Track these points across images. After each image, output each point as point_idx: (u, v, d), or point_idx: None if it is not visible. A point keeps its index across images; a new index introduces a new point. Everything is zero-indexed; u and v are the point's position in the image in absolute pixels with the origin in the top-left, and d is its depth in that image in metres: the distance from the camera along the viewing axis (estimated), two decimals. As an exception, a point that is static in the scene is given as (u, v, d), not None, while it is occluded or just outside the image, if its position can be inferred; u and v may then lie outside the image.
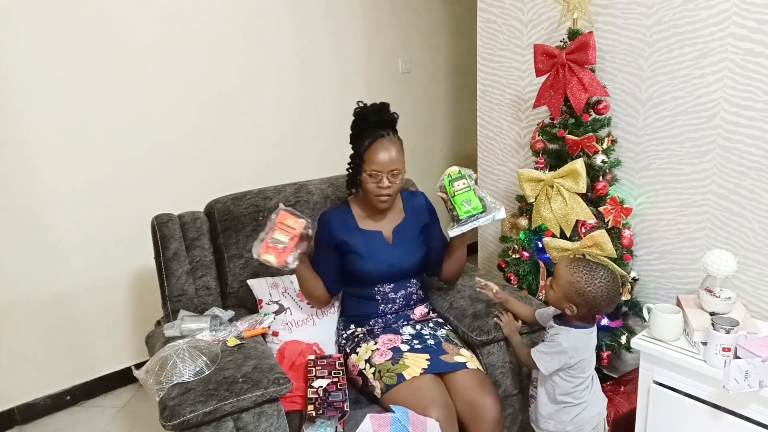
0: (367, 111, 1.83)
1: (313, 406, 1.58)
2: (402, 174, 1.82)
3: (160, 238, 1.95)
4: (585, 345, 1.60)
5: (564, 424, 1.64)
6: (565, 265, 1.58)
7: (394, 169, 1.78)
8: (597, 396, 1.68)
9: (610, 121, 2.12)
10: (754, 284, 1.90)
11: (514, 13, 2.42)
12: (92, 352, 2.58)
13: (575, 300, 1.55)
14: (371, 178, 1.79)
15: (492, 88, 2.61)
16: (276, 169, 2.76)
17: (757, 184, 1.84)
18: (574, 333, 1.59)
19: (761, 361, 1.46)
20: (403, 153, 1.82)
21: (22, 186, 2.30)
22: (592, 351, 1.63)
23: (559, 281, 1.58)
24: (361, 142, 1.81)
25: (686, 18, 1.89)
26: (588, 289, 1.53)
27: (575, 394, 1.62)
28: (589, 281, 1.53)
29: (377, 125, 1.81)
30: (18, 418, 2.45)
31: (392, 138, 1.81)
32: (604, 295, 1.53)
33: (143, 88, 2.50)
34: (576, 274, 1.54)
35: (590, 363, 1.63)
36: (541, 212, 2.12)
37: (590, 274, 1.54)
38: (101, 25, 2.35)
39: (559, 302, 1.60)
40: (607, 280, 1.54)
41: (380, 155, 1.76)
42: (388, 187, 1.79)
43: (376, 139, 1.78)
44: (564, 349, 1.57)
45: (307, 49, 2.98)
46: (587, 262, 1.59)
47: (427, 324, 1.91)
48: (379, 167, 1.77)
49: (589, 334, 1.61)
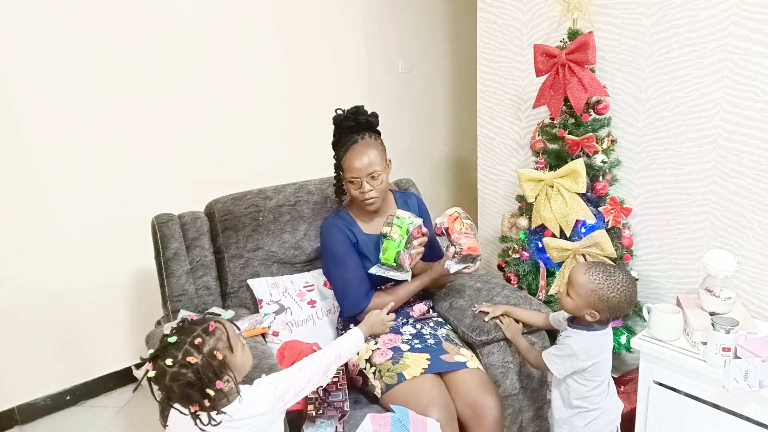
0: (341, 117, 1.83)
1: (313, 406, 1.58)
2: (383, 174, 1.81)
3: (160, 238, 1.95)
4: (598, 347, 1.56)
5: (578, 429, 1.62)
6: (583, 272, 1.53)
7: (372, 172, 1.78)
8: (613, 401, 1.65)
9: (610, 121, 2.12)
10: (754, 284, 1.90)
11: (514, 13, 2.42)
12: (92, 352, 2.58)
13: (597, 306, 1.51)
14: (353, 184, 1.80)
15: (492, 88, 2.61)
16: (276, 169, 2.76)
17: (757, 184, 1.84)
18: (586, 336, 1.56)
19: (761, 361, 1.46)
20: (382, 152, 1.83)
21: (22, 186, 2.30)
22: (608, 353, 1.60)
23: (578, 289, 1.53)
24: (338, 151, 1.83)
25: (686, 18, 1.89)
26: (611, 295, 1.49)
27: (591, 399, 1.59)
28: (611, 287, 1.49)
29: (351, 130, 1.81)
30: (18, 418, 2.45)
31: (367, 140, 1.80)
32: (627, 298, 1.50)
33: (143, 88, 2.50)
34: (597, 281, 1.50)
35: (605, 366, 1.60)
36: (541, 212, 2.12)
37: (610, 279, 1.50)
38: (101, 24, 2.35)
39: (578, 309, 1.55)
40: (627, 282, 1.51)
41: (355, 162, 1.77)
42: (371, 190, 1.79)
43: (350, 146, 1.79)
44: (575, 352, 1.53)
45: (307, 49, 2.98)
46: (603, 266, 1.55)
47: (427, 324, 1.91)
48: (356, 173, 1.77)
49: (601, 336, 1.57)
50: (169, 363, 1.14)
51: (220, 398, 1.21)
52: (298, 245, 2.10)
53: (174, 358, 1.15)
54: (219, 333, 1.22)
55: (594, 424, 1.61)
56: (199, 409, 1.18)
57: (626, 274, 1.53)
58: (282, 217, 2.09)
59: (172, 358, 1.15)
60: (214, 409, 1.20)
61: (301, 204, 2.13)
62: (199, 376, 1.15)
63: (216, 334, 1.21)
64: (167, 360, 1.15)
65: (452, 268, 1.76)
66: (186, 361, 1.15)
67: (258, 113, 2.88)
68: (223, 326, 1.24)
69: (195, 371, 1.15)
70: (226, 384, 1.20)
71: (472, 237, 1.75)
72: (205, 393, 1.16)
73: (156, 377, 1.17)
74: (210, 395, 1.16)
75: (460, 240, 1.73)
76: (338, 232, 1.87)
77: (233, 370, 1.23)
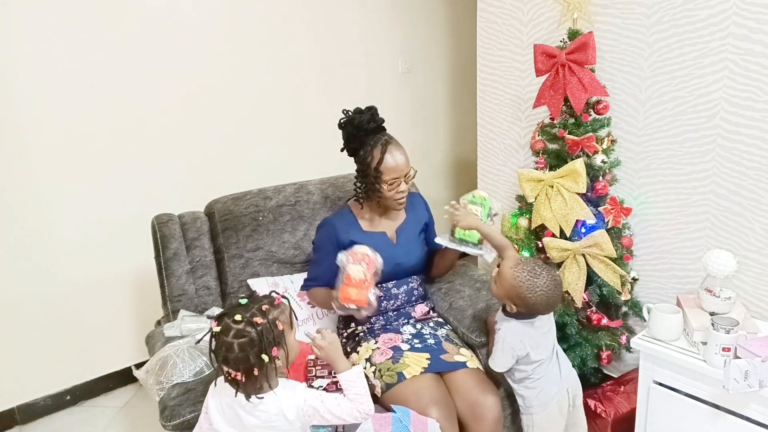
0: (362, 119, 1.79)
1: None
2: (414, 171, 1.85)
3: (160, 238, 1.95)
4: (527, 336, 1.64)
5: (529, 399, 1.71)
6: (511, 266, 1.60)
7: (409, 170, 1.81)
8: (555, 375, 1.72)
9: (610, 121, 2.12)
10: (754, 284, 1.90)
11: (514, 13, 2.42)
12: (92, 352, 2.58)
13: (515, 301, 1.60)
14: (390, 185, 1.79)
15: (492, 88, 2.61)
16: (276, 169, 2.76)
17: (757, 184, 1.84)
18: (515, 324, 1.64)
19: (761, 361, 1.46)
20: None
21: (22, 186, 2.30)
22: (540, 341, 1.66)
23: (502, 281, 1.61)
24: (368, 155, 1.78)
25: (686, 18, 1.89)
26: (528, 295, 1.56)
27: (532, 377, 1.69)
28: (530, 288, 1.56)
29: (375, 131, 1.81)
30: (18, 418, 2.45)
31: (395, 140, 1.82)
32: (543, 302, 1.58)
33: (143, 88, 2.50)
34: (518, 279, 1.57)
35: (537, 354, 1.66)
36: (541, 212, 2.12)
37: (532, 280, 1.56)
38: (102, 24, 2.35)
39: (500, 298, 1.65)
40: (548, 287, 1.56)
41: (398, 163, 1.77)
42: (406, 188, 1.82)
43: (386, 147, 1.77)
44: (508, 344, 1.63)
45: (307, 50, 2.98)
46: (532, 265, 1.60)
47: (427, 323, 1.92)
48: (398, 174, 1.78)
49: (530, 325, 1.65)
50: (238, 318, 1.26)
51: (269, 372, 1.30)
52: (298, 245, 2.11)
53: (242, 316, 1.27)
54: (282, 307, 1.36)
55: (543, 394, 1.70)
56: (245, 379, 1.26)
57: (552, 279, 1.58)
58: (282, 217, 2.09)
59: (240, 315, 1.27)
60: (257, 383, 1.29)
61: (301, 204, 2.13)
62: (261, 337, 1.26)
63: (280, 308, 1.35)
64: (236, 316, 1.27)
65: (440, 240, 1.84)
66: (253, 320, 1.27)
67: (258, 113, 2.88)
68: (287, 303, 1.38)
69: (259, 332, 1.26)
70: (280, 353, 1.30)
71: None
72: (260, 358, 1.26)
73: (219, 333, 1.27)
74: (264, 361, 1.26)
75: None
76: (327, 228, 1.89)
77: (287, 347, 1.34)
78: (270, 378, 1.32)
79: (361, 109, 1.83)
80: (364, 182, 1.84)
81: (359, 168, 1.84)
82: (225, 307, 1.32)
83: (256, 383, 1.30)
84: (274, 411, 1.32)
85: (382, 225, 1.92)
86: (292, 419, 1.33)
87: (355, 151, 1.83)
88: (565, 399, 1.73)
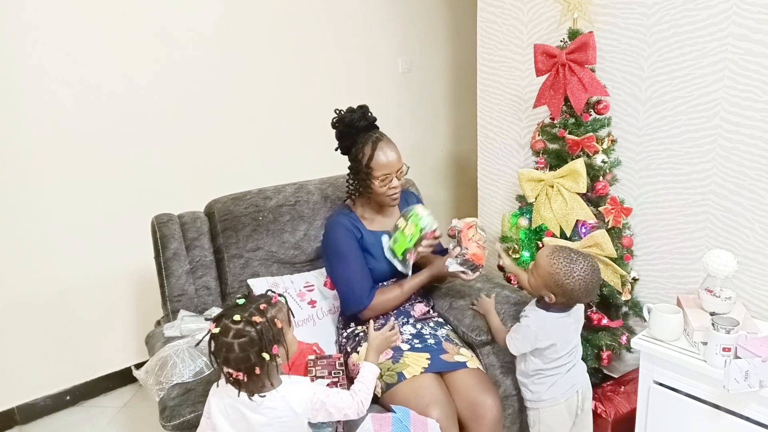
0: (353, 117, 1.83)
1: (313, 405, 1.58)
2: (406, 168, 1.86)
3: (160, 238, 1.95)
4: (556, 329, 1.62)
5: (538, 393, 1.69)
6: (546, 254, 1.60)
7: (400, 167, 1.82)
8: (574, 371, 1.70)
9: (610, 121, 2.12)
10: (754, 284, 1.90)
11: (514, 13, 2.42)
12: (92, 352, 2.58)
13: (554, 290, 1.57)
14: (381, 181, 1.80)
15: (492, 88, 2.61)
16: (276, 169, 2.76)
17: (757, 184, 1.84)
18: (544, 315, 1.62)
19: (761, 361, 1.46)
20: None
21: (22, 185, 2.30)
22: (569, 337, 1.65)
23: (539, 270, 1.60)
24: (359, 151, 1.81)
25: (686, 18, 1.89)
26: (567, 281, 1.54)
27: (546, 371, 1.67)
28: (568, 274, 1.54)
29: (366, 129, 1.83)
30: (18, 418, 2.45)
31: (386, 137, 1.83)
32: (582, 288, 1.55)
33: (144, 88, 2.50)
34: (556, 266, 1.56)
35: (563, 347, 1.65)
36: (541, 212, 2.12)
37: (570, 266, 1.55)
38: (102, 24, 2.35)
39: (537, 289, 1.62)
40: (586, 272, 1.55)
41: (388, 158, 1.79)
42: (398, 185, 1.83)
43: (377, 144, 1.79)
44: (532, 331, 1.60)
45: (307, 50, 2.98)
46: (568, 252, 1.59)
47: (427, 323, 1.91)
48: (389, 170, 1.79)
49: (560, 319, 1.63)
50: (237, 319, 1.27)
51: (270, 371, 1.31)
52: (298, 245, 2.10)
53: (241, 316, 1.27)
54: (280, 305, 1.37)
55: (554, 389, 1.68)
56: (247, 378, 1.27)
57: (589, 264, 1.57)
58: (282, 217, 2.09)
59: (239, 315, 1.28)
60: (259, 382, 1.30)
61: (301, 204, 2.13)
62: (261, 336, 1.26)
63: (277, 306, 1.36)
64: (234, 316, 1.27)
65: (451, 266, 1.78)
66: (251, 319, 1.27)
67: (258, 113, 2.88)
68: (284, 301, 1.39)
69: (258, 331, 1.27)
70: (280, 350, 1.31)
71: (481, 248, 1.78)
72: (261, 356, 1.26)
73: (218, 334, 1.27)
74: (265, 359, 1.26)
75: (468, 245, 1.76)
76: (343, 228, 1.86)
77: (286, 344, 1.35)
78: (272, 376, 1.33)
79: (352, 108, 1.86)
80: (356, 179, 1.87)
81: (351, 165, 1.87)
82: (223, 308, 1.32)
83: (258, 382, 1.30)
84: (282, 407, 1.32)
85: (382, 225, 1.92)
86: (300, 413, 1.34)
87: (348, 149, 1.87)
88: (574, 399, 1.72)
